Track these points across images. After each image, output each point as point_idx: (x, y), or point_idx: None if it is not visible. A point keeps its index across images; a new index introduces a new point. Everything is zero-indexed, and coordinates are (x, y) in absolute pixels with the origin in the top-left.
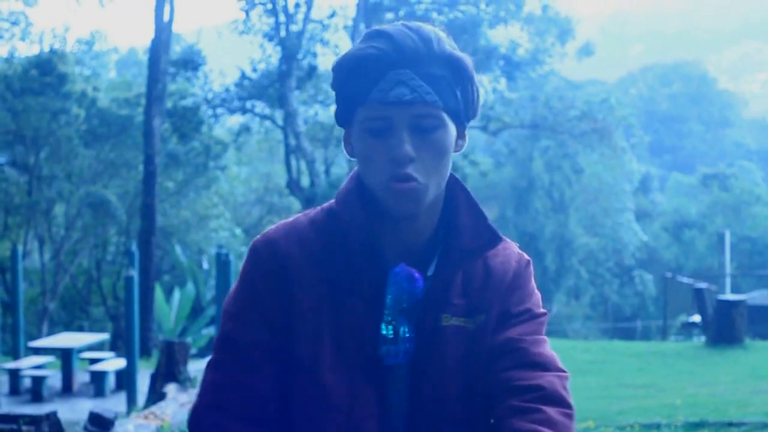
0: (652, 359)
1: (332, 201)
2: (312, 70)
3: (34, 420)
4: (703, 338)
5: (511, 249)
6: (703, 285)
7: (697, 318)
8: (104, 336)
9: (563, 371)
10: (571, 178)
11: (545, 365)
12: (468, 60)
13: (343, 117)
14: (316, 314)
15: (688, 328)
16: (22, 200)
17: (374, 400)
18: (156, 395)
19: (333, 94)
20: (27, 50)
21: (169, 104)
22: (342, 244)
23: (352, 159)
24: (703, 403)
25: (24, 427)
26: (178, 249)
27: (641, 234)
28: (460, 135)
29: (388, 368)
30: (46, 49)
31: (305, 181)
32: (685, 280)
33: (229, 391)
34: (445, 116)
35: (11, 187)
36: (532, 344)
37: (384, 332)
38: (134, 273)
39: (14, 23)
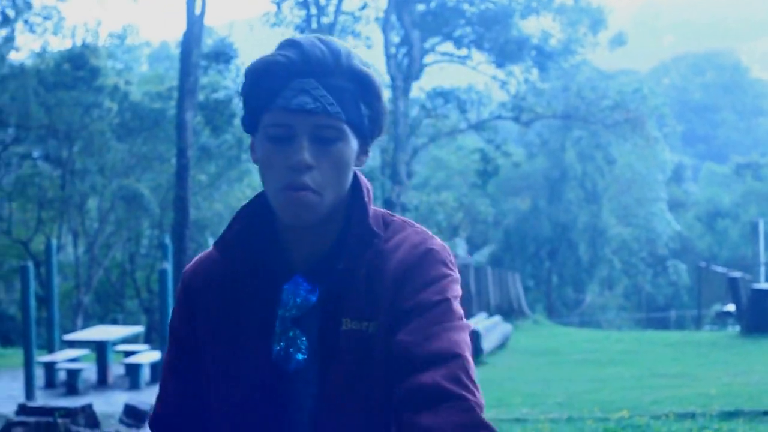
0: (686, 349)
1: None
2: None
3: (69, 412)
4: (737, 327)
5: (410, 240)
6: (737, 274)
7: (731, 307)
8: (139, 329)
9: (458, 355)
10: (603, 169)
11: (434, 360)
12: (376, 77)
13: (249, 122)
14: (213, 336)
15: (722, 318)
16: (55, 194)
17: (276, 406)
18: None
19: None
20: (59, 45)
21: (201, 97)
22: (238, 267)
23: (256, 165)
24: (738, 392)
25: (60, 420)
26: (211, 241)
27: (674, 224)
28: (363, 150)
29: (292, 374)
30: (79, 44)
31: None
32: (719, 269)
33: (160, 400)
34: (347, 129)
35: (45, 181)
36: (420, 342)
37: (277, 341)
38: (168, 265)
39: (46, 18)
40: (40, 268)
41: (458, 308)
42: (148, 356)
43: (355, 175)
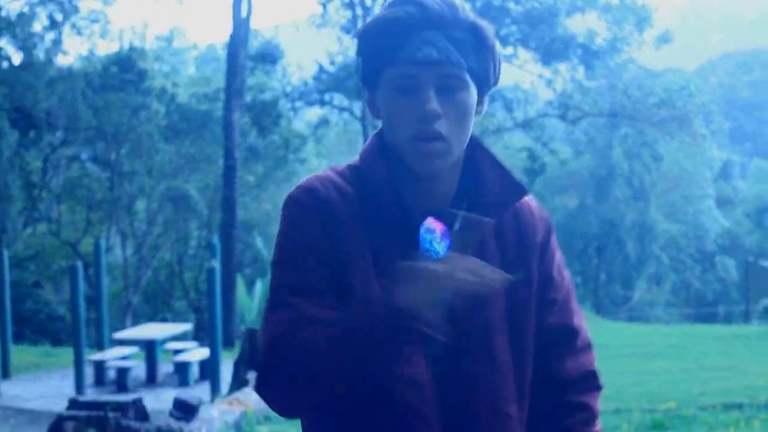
0: (734, 342)
1: (356, 159)
2: None
3: (120, 407)
4: None
5: (537, 205)
6: None
7: None
8: (187, 326)
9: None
10: (650, 166)
11: (588, 347)
12: (490, 29)
13: (369, 78)
14: (362, 259)
15: None
16: (104, 196)
17: (415, 353)
18: (239, 382)
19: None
20: (106, 48)
21: (248, 98)
22: (372, 200)
23: (376, 120)
24: None
25: (110, 414)
26: (259, 241)
27: (722, 220)
28: (480, 100)
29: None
30: (126, 47)
31: None
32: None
33: (304, 321)
34: (469, 78)
35: (93, 183)
36: (581, 327)
37: None
38: (216, 264)
39: (93, 21)
40: (88, 270)
41: None
42: (197, 354)
43: None
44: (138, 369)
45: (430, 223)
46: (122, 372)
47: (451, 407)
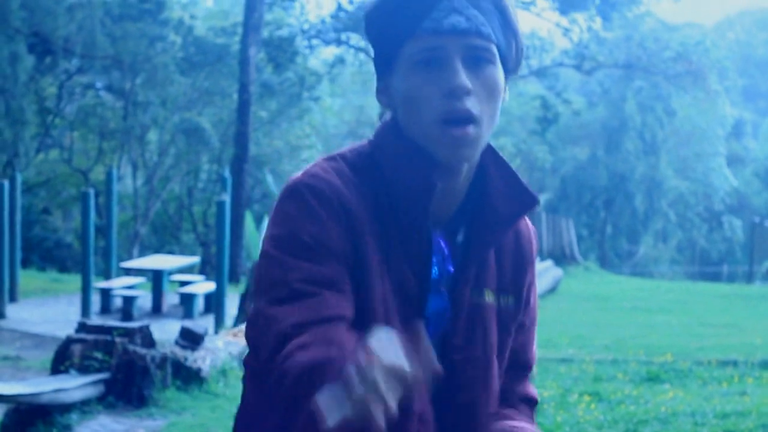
0: (735, 301)
1: (364, 144)
2: None
3: (127, 332)
4: None
5: (527, 219)
6: None
7: None
8: (194, 259)
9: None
10: (663, 120)
11: (531, 376)
12: (514, 8)
13: (383, 60)
14: (381, 275)
15: None
16: (117, 125)
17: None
18: (244, 315)
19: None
20: None
21: (265, 34)
22: (392, 202)
23: (387, 108)
24: None
25: (117, 338)
26: (269, 178)
27: (732, 179)
28: (503, 86)
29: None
30: None
31: None
32: None
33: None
34: (497, 53)
35: (107, 112)
36: (532, 355)
37: (429, 305)
38: (227, 198)
39: None
40: (99, 198)
41: None
42: (203, 287)
43: None
44: (144, 299)
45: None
46: (128, 301)
47: None
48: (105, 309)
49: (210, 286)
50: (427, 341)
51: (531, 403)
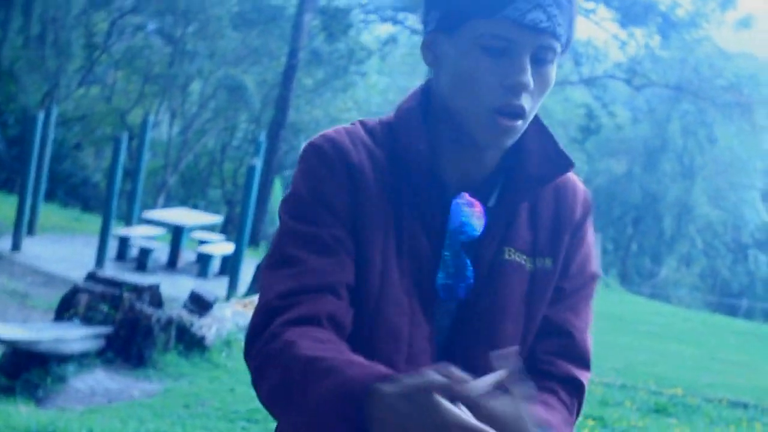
0: (751, 339)
1: (390, 116)
2: None
3: (136, 289)
4: None
5: (578, 181)
6: None
7: None
8: (217, 218)
9: (589, 370)
10: (704, 146)
11: (586, 363)
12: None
13: (448, 21)
14: (384, 235)
15: None
16: (161, 70)
17: (428, 335)
18: (259, 285)
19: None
20: None
21: (322, 1)
22: (403, 166)
23: (427, 64)
24: None
25: (126, 294)
26: (305, 146)
27: (764, 214)
28: None
29: (439, 301)
30: None
31: None
32: None
33: (314, 292)
34: (559, 52)
35: (154, 56)
36: (583, 336)
37: (444, 267)
38: (258, 162)
39: None
40: (132, 142)
41: None
42: (221, 247)
43: None
44: (161, 251)
45: (464, 200)
46: (145, 252)
47: None
48: (120, 256)
49: (228, 248)
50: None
51: (572, 384)
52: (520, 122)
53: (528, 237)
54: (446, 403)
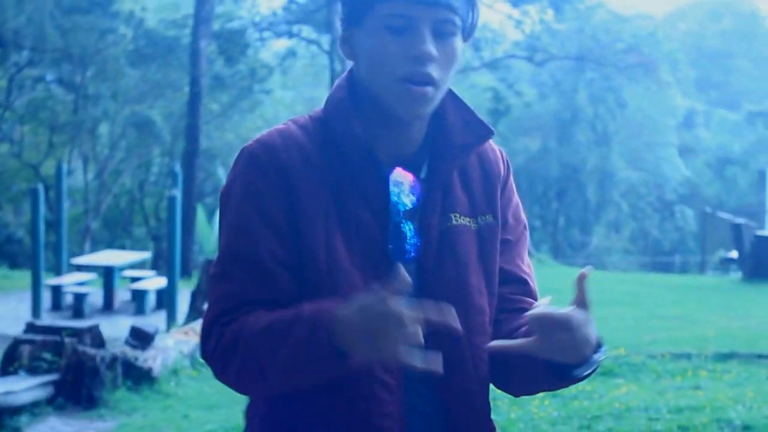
0: (687, 292)
1: (319, 110)
2: None
3: (76, 332)
4: (739, 273)
5: (492, 142)
6: (741, 221)
7: (734, 254)
8: (146, 255)
9: None
10: (614, 111)
11: (535, 294)
12: None
13: (354, 13)
14: (325, 221)
15: (725, 264)
16: (67, 118)
17: None
18: (196, 312)
19: None
20: None
21: (216, 26)
22: (338, 153)
23: (348, 59)
24: (735, 336)
25: (66, 339)
26: (221, 171)
27: (683, 169)
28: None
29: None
30: None
31: None
32: (725, 216)
33: (247, 302)
34: (460, 25)
35: (57, 105)
36: (534, 282)
37: (392, 232)
38: (177, 193)
39: None
40: (49, 192)
41: None
42: (154, 282)
43: None
44: (95, 295)
45: (398, 174)
46: (79, 298)
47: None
48: (56, 306)
49: (162, 282)
50: (404, 279)
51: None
52: (430, 88)
53: (465, 200)
54: (393, 299)
